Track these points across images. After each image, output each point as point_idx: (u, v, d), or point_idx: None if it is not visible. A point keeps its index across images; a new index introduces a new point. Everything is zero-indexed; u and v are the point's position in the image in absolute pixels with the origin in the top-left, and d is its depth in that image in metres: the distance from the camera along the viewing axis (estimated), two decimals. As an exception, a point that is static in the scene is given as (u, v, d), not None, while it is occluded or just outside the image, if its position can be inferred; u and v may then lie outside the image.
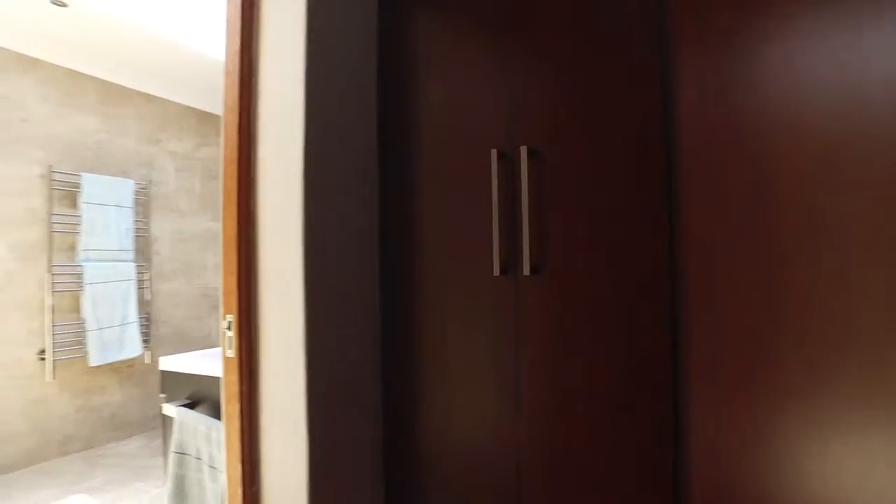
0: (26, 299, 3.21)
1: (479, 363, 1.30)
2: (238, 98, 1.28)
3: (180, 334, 4.15)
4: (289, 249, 1.25)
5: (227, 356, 1.34)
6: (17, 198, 3.19)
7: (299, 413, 1.22)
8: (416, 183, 1.40)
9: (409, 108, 1.42)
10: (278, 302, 1.27)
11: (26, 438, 3.19)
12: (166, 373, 2.13)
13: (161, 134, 4.06)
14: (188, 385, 2.05)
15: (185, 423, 1.89)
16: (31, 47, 3.25)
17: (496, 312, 1.27)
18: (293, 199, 1.24)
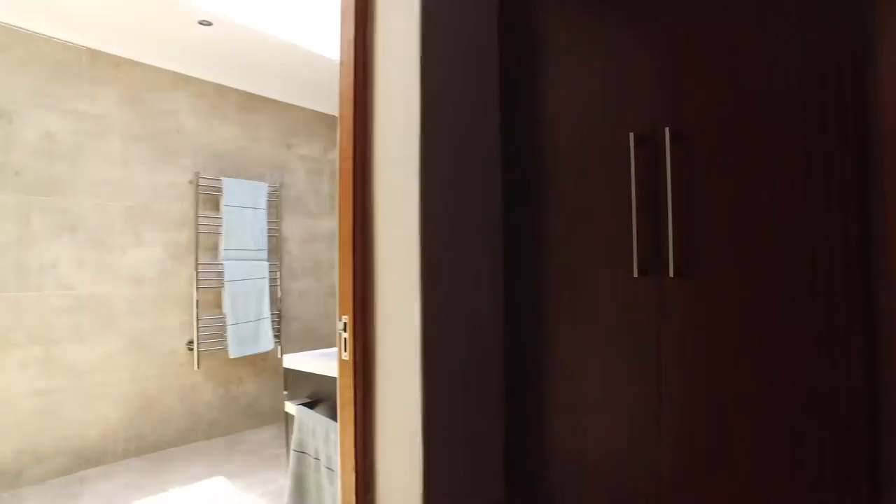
0: (178, 295, 3.52)
1: (615, 375, 1.13)
2: (352, 87, 1.23)
3: (309, 331, 4.34)
4: (406, 249, 1.17)
5: (342, 359, 1.30)
6: (171, 202, 3.50)
7: (415, 422, 1.14)
8: (542, 173, 1.26)
9: (534, 91, 1.29)
10: (395, 304, 1.20)
11: (180, 420, 3.49)
12: (289, 371, 2.18)
13: (293, 139, 4.27)
14: (309, 384, 2.07)
15: (305, 423, 1.91)
16: (183, 65, 3.55)
17: (635, 319, 1.10)
18: (410, 195, 1.15)
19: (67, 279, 3.03)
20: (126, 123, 3.30)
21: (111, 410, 3.18)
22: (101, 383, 3.14)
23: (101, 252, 3.18)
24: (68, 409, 3.01)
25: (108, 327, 3.18)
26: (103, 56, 3.21)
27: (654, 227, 1.06)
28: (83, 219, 3.10)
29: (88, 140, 3.14)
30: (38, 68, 2.96)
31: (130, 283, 3.29)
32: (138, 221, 3.34)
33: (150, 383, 3.37)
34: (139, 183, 3.35)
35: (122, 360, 3.24)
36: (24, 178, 2.89)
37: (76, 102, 3.09)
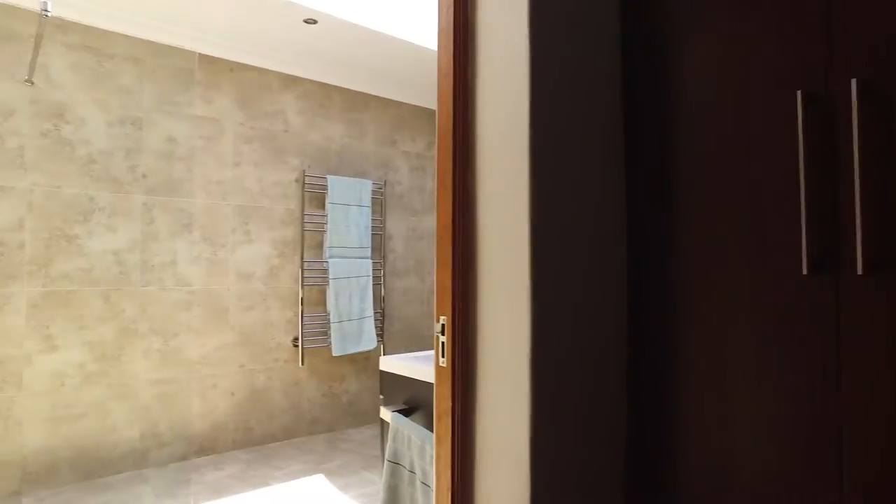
0: (284, 291, 3.60)
1: (774, 396, 0.88)
2: (451, 61, 1.08)
3: (411, 331, 4.29)
4: (513, 245, 1.00)
5: (439, 365, 1.15)
6: (279, 201, 3.59)
7: (521, 441, 0.96)
8: (674, 150, 1.03)
9: (662, 56, 1.05)
10: (500, 306, 1.03)
11: (284, 415, 3.57)
12: (385, 374, 2.07)
13: (396, 135, 4.24)
14: (405, 389, 1.95)
15: (400, 432, 1.79)
16: (290, 66, 3.62)
17: (803, 326, 0.84)
18: (518, 180, 0.98)
19: (184, 275, 3.18)
20: (237, 125, 3.42)
21: (221, 402, 3.31)
22: (212, 375, 3.28)
23: (214, 249, 3.31)
24: (184, 398, 3.16)
25: (219, 322, 3.31)
26: (218, 62, 3.33)
27: (830, 212, 0.79)
28: (197, 217, 3.24)
29: (203, 142, 3.28)
30: (162, 77, 3.13)
31: (240, 279, 3.41)
32: (247, 219, 3.45)
33: (258, 378, 3.47)
34: (249, 182, 3.46)
35: (232, 354, 3.36)
36: (150, 180, 3.07)
37: (193, 107, 3.24)
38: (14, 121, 2.69)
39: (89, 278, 2.86)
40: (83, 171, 2.87)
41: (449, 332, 1.10)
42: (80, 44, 2.88)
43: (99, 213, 2.90)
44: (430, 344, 4.37)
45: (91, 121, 2.90)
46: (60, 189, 2.80)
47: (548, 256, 0.99)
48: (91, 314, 2.87)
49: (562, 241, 1.02)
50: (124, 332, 2.97)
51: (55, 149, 2.80)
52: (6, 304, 2.65)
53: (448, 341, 1.11)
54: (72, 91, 2.85)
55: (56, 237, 2.78)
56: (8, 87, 2.68)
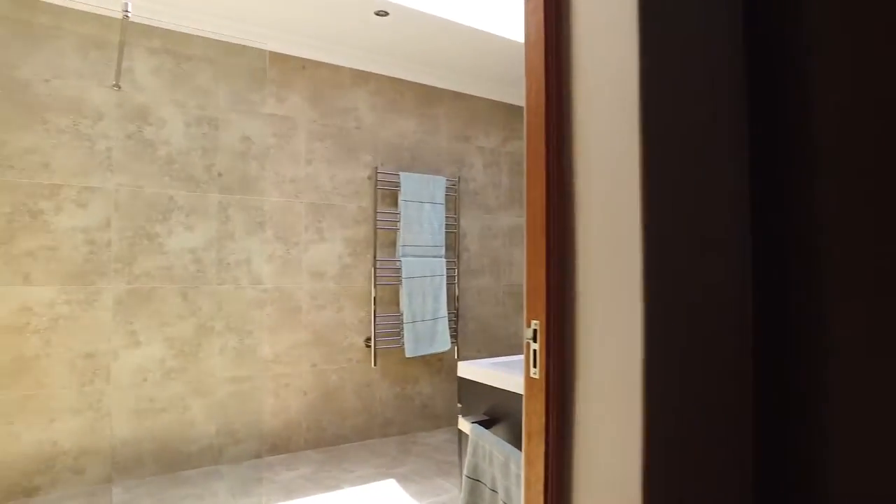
0: (356, 290, 3.55)
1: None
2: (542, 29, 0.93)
3: (485, 332, 4.14)
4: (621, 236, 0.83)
5: (530, 376, 1.00)
6: (351, 198, 3.55)
7: (631, 473, 0.79)
8: (816, 144, 0.82)
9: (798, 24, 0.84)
10: (605, 307, 0.86)
11: (356, 416, 3.53)
12: (464, 381, 1.92)
13: (470, 130, 4.10)
14: (486, 398, 1.78)
15: (480, 446, 1.63)
16: (362, 62, 3.57)
17: None
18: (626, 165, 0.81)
19: (258, 273, 3.20)
20: (310, 122, 3.40)
21: (294, 401, 3.30)
22: (285, 374, 3.28)
23: (287, 247, 3.31)
24: (258, 396, 3.18)
25: (292, 320, 3.31)
26: (291, 59, 3.33)
27: None
28: (271, 216, 3.26)
29: (276, 140, 3.29)
30: (237, 76, 3.16)
31: (313, 278, 3.39)
32: (320, 218, 3.43)
33: (330, 377, 3.44)
34: (321, 180, 3.44)
35: (305, 353, 3.35)
36: (225, 179, 3.11)
37: (267, 105, 3.25)
38: (103, 124, 2.80)
39: (169, 276, 2.93)
40: (163, 171, 2.94)
41: (542, 339, 0.94)
42: (162, 47, 2.95)
43: (177, 211, 2.97)
44: (505, 346, 4.20)
45: (171, 121, 2.96)
46: (143, 189, 2.89)
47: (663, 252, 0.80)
48: (170, 311, 2.93)
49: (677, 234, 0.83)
50: (201, 329, 3.02)
51: (138, 150, 2.88)
52: (95, 300, 2.75)
53: (541, 349, 0.95)
54: (153, 93, 2.92)
55: (139, 236, 2.87)
56: (99, 93, 2.79)
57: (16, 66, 2.62)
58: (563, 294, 0.93)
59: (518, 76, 3.95)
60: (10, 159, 2.60)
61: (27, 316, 2.61)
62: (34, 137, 2.65)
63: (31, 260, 2.62)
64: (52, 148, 2.69)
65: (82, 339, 2.72)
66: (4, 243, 2.57)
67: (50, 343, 2.65)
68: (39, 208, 2.65)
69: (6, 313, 2.57)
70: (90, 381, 2.73)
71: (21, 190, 2.62)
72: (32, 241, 2.63)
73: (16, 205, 2.60)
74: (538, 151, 0.95)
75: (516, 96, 4.28)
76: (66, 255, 2.69)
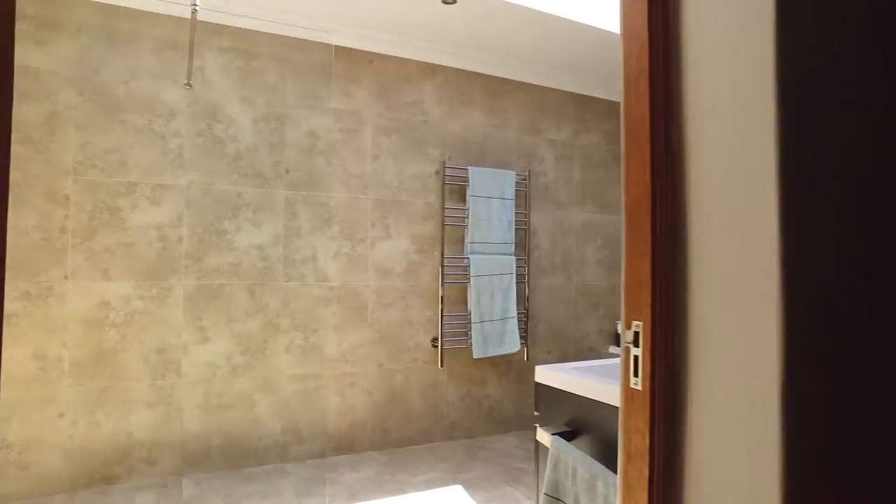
0: (423, 289, 3.46)
1: None
2: None
3: (556, 334, 3.94)
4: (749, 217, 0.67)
5: (629, 386, 0.85)
6: (418, 194, 3.46)
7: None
8: None
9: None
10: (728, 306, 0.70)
11: (422, 418, 3.44)
12: (541, 387, 1.75)
13: (540, 123, 3.91)
14: (567, 406, 1.61)
15: (562, 461, 1.47)
16: (429, 53, 3.47)
17: None
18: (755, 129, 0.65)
19: (324, 270, 3.17)
20: (376, 117, 3.34)
21: (359, 401, 3.25)
22: (350, 374, 3.23)
23: (353, 244, 3.26)
24: (323, 395, 3.15)
25: (358, 319, 3.26)
26: (357, 53, 3.28)
27: None
28: (337, 212, 3.22)
29: (343, 136, 3.24)
30: (304, 72, 3.14)
31: (379, 275, 3.33)
32: (387, 214, 3.36)
33: (396, 377, 3.37)
34: (388, 175, 3.37)
35: (371, 353, 3.29)
36: (292, 175, 3.10)
37: (333, 101, 3.21)
38: (175, 123, 2.85)
39: (236, 272, 2.95)
40: (232, 168, 2.96)
41: (646, 344, 0.80)
42: (231, 46, 2.97)
43: (245, 208, 2.98)
44: (576, 348, 3.98)
45: (239, 119, 2.98)
46: (212, 185, 2.92)
47: (803, 245, 0.63)
48: (238, 308, 2.95)
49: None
50: (268, 326, 3.02)
51: (208, 147, 2.91)
52: (168, 295, 2.80)
53: (645, 355, 0.80)
54: (223, 91, 2.95)
55: (208, 232, 2.90)
56: (172, 92, 2.84)
57: (98, 70, 2.71)
58: (672, 290, 0.77)
59: (592, 64, 3.72)
60: (92, 159, 2.69)
61: (105, 310, 2.69)
62: (113, 137, 2.73)
63: (109, 256, 2.70)
64: (129, 147, 2.76)
65: (155, 334, 2.78)
66: (87, 239, 2.66)
67: (126, 337, 2.72)
68: (117, 205, 2.73)
69: (88, 307, 2.66)
70: (162, 375, 2.79)
71: (101, 188, 2.70)
72: (111, 238, 2.71)
73: (96, 202, 2.69)
74: (639, 126, 0.79)
75: (590, 86, 4.05)
76: (140, 251, 2.76)
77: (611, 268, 4.18)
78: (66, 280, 2.63)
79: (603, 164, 4.16)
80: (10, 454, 2.52)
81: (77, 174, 2.66)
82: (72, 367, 2.63)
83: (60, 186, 2.63)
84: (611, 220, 4.18)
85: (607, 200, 4.17)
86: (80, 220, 2.66)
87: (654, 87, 0.78)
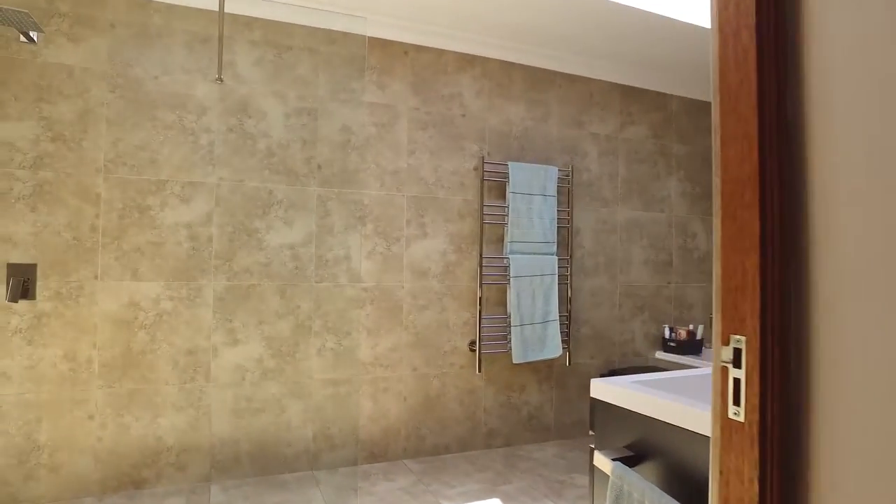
0: (460, 290, 3.30)
1: None
2: None
3: (600, 337, 3.73)
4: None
5: (727, 416, 0.68)
6: (456, 191, 3.31)
7: None
8: None
9: None
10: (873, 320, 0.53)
11: (459, 425, 3.29)
12: (599, 403, 1.54)
13: (583, 116, 3.70)
14: (629, 426, 1.42)
15: (626, 493, 1.25)
16: (467, 44, 3.31)
17: None
18: None
19: (357, 271, 3.05)
20: (412, 110, 3.20)
21: (393, 407, 3.12)
22: (384, 378, 3.10)
23: (388, 243, 3.13)
24: (355, 400, 3.03)
25: (392, 321, 3.13)
26: (392, 45, 3.15)
27: None
28: (371, 210, 3.09)
29: (377, 130, 3.12)
30: (337, 65, 3.03)
31: (415, 276, 3.19)
32: (423, 212, 3.22)
33: (431, 383, 3.22)
34: (424, 171, 3.23)
35: (406, 356, 3.15)
36: (325, 172, 2.99)
37: (367, 94, 3.09)
38: (206, 118, 2.77)
39: (267, 273, 2.85)
40: (263, 164, 2.87)
41: (753, 364, 0.62)
42: (263, 39, 2.88)
43: (277, 206, 2.88)
44: (621, 351, 3.77)
45: (271, 113, 2.89)
46: (243, 183, 2.83)
47: None
48: (268, 309, 2.85)
49: None
50: (299, 328, 2.92)
51: (239, 143, 2.83)
52: (197, 296, 2.73)
53: (752, 379, 0.63)
54: (254, 85, 2.86)
55: (238, 231, 2.81)
56: (203, 87, 2.76)
57: (130, 65, 2.65)
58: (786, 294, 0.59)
59: (638, 52, 3.49)
60: (123, 156, 2.63)
61: (135, 311, 2.63)
62: (144, 134, 2.67)
63: (139, 255, 2.64)
64: (160, 144, 2.69)
65: (184, 336, 2.71)
66: (117, 238, 2.61)
67: (155, 339, 2.66)
68: (147, 204, 2.66)
69: (118, 308, 2.61)
70: (191, 378, 2.72)
71: (132, 186, 2.64)
72: (141, 237, 2.65)
73: (126, 201, 2.63)
74: (740, 93, 0.62)
75: (635, 76, 3.82)
76: (170, 250, 2.69)
77: (657, 268, 3.94)
78: (97, 280, 2.58)
79: (649, 158, 3.92)
80: (42, 456, 2.48)
81: (108, 172, 2.61)
82: (101, 369, 2.58)
83: (92, 185, 2.58)
84: (657, 217, 3.94)
85: (653, 197, 3.93)
86: (110, 218, 2.61)
87: (762, 42, 0.60)
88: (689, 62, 3.66)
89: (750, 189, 0.63)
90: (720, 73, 0.67)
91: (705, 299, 4.14)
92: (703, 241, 4.13)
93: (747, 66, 0.62)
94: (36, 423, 2.48)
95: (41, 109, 2.51)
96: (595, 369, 3.70)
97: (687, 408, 1.19)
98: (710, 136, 4.18)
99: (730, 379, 0.67)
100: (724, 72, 0.66)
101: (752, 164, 0.62)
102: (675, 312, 4.01)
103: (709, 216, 4.15)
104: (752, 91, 0.61)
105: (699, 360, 3.59)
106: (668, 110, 4.00)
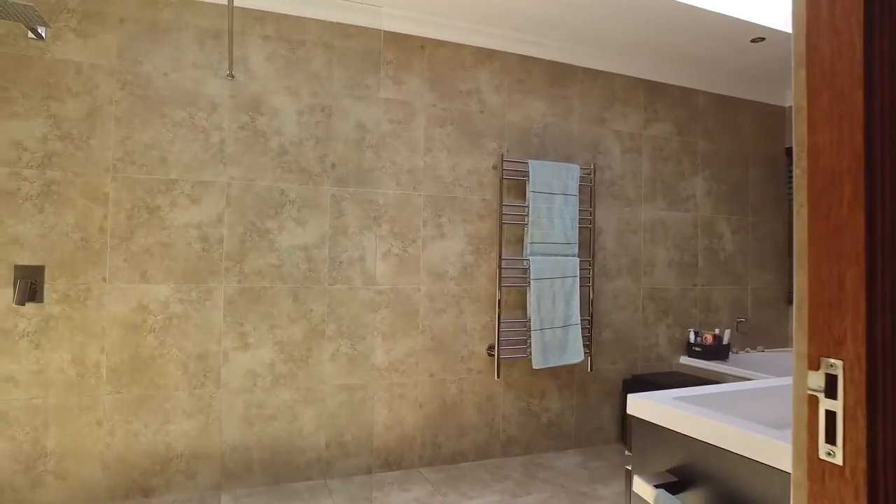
0: (478, 293, 3.19)
1: None
2: None
3: (623, 342, 3.59)
4: None
5: (818, 457, 0.56)
6: (474, 190, 3.19)
7: None
8: None
9: None
10: None
11: (477, 432, 3.17)
12: (636, 421, 1.38)
13: (606, 112, 3.56)
14: (673, 448, 1.26)
15: None
16: (486, 38, 3.20)
17: None
18: None
19: (372, 273, 2.95)
20: (428, 107, 3.09)
21: (409, 413, 3.02)
22: (400, 384, 3.00)
23: (404, 245, 3.03)
24: (370, 407, 2.93)
25: (408, 325, 3.02)
26: (409, 39, 3.04)
27: None
28: (387, 210, 2.99)
29: (393, 128, 3.01)
30: (352, 60, 2.93)
31: (431, 278, 3.08)
32: (440, 212, 3.11)
33: (448, 389, 3.11)
34: (441, 170, 3.12)
35: (422, 361, 3.05)
36: (339, 170, 2.89)
37: (383, 90, 2.99)
38: (217, 116, 2.69)
39: (279, 275, 2.77)
40: (275, 163, 2.78)
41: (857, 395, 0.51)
42: (275, 33, 2.79)
43: (289, 206, 2.79)
44: (644, 356, 3.63)
45: (283, 110, 2.80)
46: (254, 182, 2.74)
47: None
48: (280, 313, 2.77)
49: None
50: (312, 332, 2.82)
51: (251, 141, 2.74)
52: (207, 299, 2.65)
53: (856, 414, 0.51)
54: (266, 81, 2.77)
55: (250, 232, 2.73)
56: (214, 84, 2.68)
57: (139, 61, 2.58)
58: None
59: (662, 46, 3.34)
60: (132, 155, 2.56)
61: (143, 314, 2.56)
62: (153, 132, 2.59)
63: (148, 257, 2.57)
64: (169, 142, 2.61)
65: (194, 340, 2.63)
66: (125, 240, 2.54)
67: (164, 343, 2.58)
68: (156, 204, 2.59)
69: (126, 311, 2.53)
70: (201, 383, 2.64)
71: (140, 185, 2.57)
72: (150, 238, 2.57)
73: (135, 201, 2.56)
74: (838, 66, 0.50)
75: (660, 71, 3.67)
76: (179, 252, 2.61)
77: (682, 270, 3.79)
78: (105, 282, 2.50)
79: (674, 156, 3.78)
80: (49, 462, 2.42)
81: (116, 171, 2.54)
82: (109, 374, 2.51)
83: (100, 184, 2.51)
84: (683, 217, 3.79)
85: (679, 196, 3.78)
86: (118, 219, 2.53)
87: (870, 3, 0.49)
88: (717, 56, 3.51)
89: (850, 182, 0.51)
90: (808, 42, 0.56)
91: (732, 302, 3.98)
92: (730, 242, 3.97)
93: (850, 29, 0.50)
94: (43, 429, 2.42)
95: (49, 107, 2.44)
96: (617, 375, 3.56)
97: (745, 431, 1.06)
98: (738, 134, 3.99)
99: (820, 410, 0.55)
100: (815, 40, 0.54)
101: (854, 151, 0.51)
102: (700, 316, 3.86)
103: (735, 216, 3.99)
104: (858, 60, 0.50)
105: (726, 366, 3.44)
106: (694, 106, 3.85)
